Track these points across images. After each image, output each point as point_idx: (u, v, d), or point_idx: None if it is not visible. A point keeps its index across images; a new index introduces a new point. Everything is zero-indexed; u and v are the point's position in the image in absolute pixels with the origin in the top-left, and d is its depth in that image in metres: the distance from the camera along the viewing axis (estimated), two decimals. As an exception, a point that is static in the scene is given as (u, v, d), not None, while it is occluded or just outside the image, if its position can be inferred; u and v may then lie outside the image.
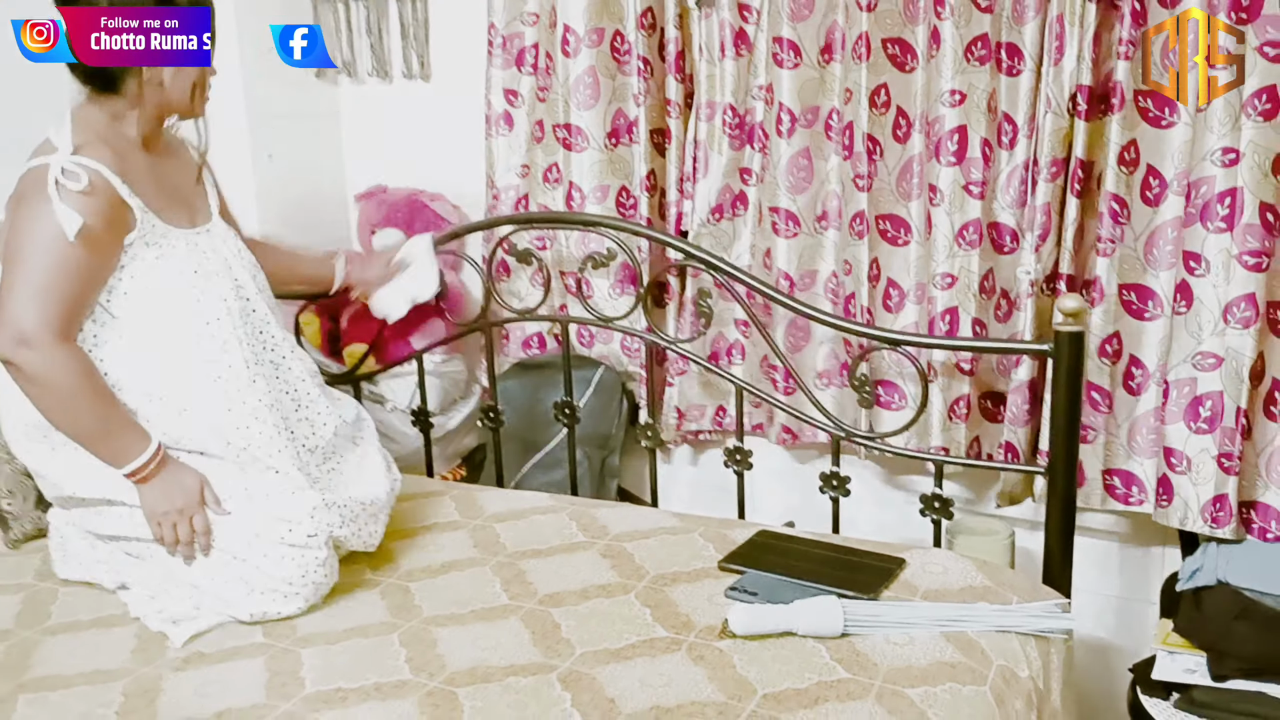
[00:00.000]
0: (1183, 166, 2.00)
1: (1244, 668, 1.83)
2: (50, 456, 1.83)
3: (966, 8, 2.09)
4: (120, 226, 1.77)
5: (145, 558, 1.84)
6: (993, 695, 1.56)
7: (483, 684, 1.58)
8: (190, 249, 1.86)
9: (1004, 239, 2.18)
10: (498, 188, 2.57)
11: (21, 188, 1.75)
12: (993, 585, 1.84)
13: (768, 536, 2.03)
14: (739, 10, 2.29)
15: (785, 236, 2.34)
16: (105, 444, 1.76)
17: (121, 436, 1.76)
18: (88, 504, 1.84)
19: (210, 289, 1.85)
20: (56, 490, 1.87)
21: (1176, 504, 2.06)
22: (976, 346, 2.18)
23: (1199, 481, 2.02)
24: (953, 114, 2.12)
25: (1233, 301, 1.95)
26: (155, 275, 1.81)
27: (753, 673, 1.59)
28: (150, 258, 1.81)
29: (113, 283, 1.79)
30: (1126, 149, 2.02)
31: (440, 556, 2.00)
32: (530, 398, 2.62)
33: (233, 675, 1.65)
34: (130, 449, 1.76)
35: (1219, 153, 1.94)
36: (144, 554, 1.84)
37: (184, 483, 1.79)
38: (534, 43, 2.47)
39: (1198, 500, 2.03)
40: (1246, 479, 2.02)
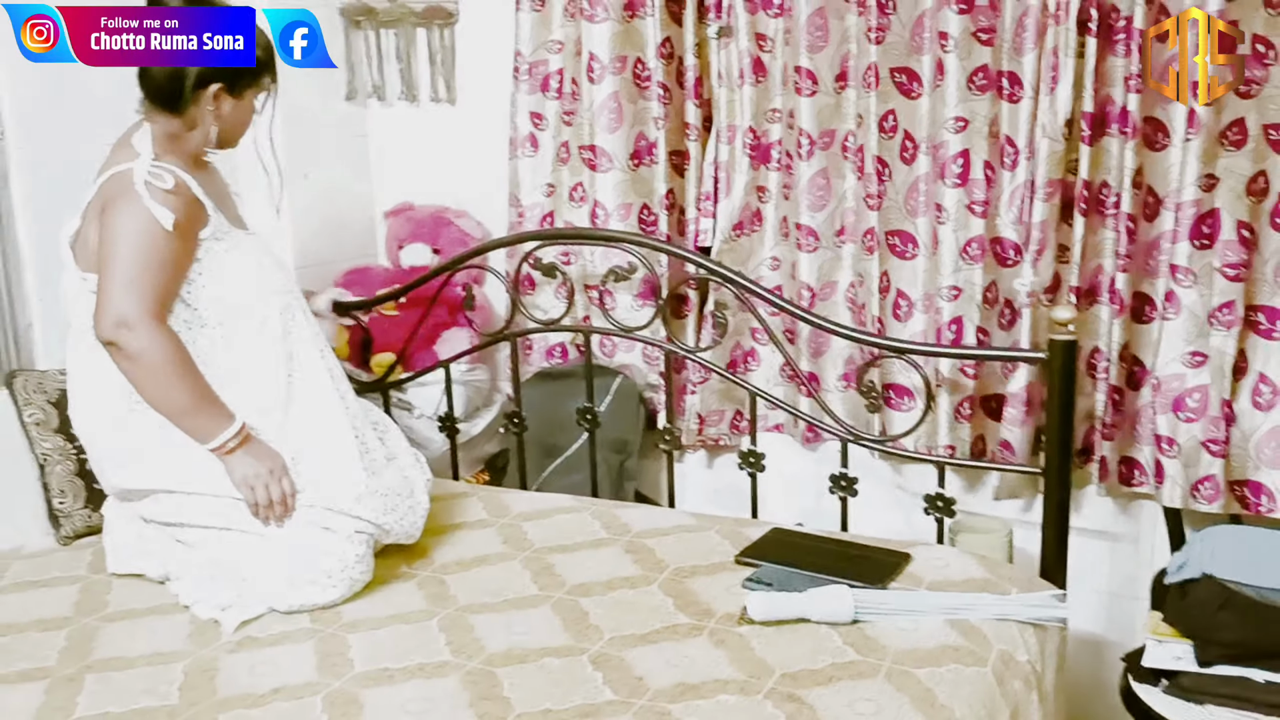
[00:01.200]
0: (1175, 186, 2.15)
1: (1227, 654, 1.94)
2: (118, 445, 1.96)
3: (968, 40, 2.24)
4: (198, 222, 1.94)
5: (195, 545, 1.96)
6: (993, 675, 1.68)
7: (519, 664, 1.70)
8: (252, 244, 2.04)
9: (1007, 253, 2.32)
10: (522, 205, 2.71)
11: (108, 191, 1.91)
12: (993, 578, 1.96)
13: (781, 533, 2.15)
14: (756, 39, 2.44)
15: (807, 251, 2.48)
16: (196, 418, 1.90)
17: (211, 411, 1.91)
18: (147, 493, 1.96)
19: (268, 281, 2.02)
20: (118, 478, 1.99)
21: (1167, 484, 2.22)
22: (977, 355, 2.32)
23: (1188, 464, 2.20)
24: (957, 139, 2.28)
25: (1217, 307, 2.13)
26: (227, 267, 1.98)
27: (770, 655, 1.70)
28: (220, 250, 1.98)
29: (191, 274, 1.95)
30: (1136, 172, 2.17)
31: (471, 551, 2.12)
32: (551, 405, 2.73)
33: (284, 657, 1.75)
34: (219, 423, 1.91)
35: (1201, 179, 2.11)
36: (194, 541, 1.96)
37: (268, 451, 1.93)
38: (559, 69, 2.61)
39: (1186, 480, 2.20)
40: (1237, 461, 2.19)
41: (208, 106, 1.95)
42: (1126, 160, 2.15)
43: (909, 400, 2.44)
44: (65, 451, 2.22)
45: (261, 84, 2.01)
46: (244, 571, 1.91)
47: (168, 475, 1.94)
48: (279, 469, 1.92)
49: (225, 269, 1.98)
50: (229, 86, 1.96)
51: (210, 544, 1.94)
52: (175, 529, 1.97)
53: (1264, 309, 2.15)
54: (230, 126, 2.01)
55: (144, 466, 1.95)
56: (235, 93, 1.97)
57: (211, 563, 1.94)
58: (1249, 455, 2.19)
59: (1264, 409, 2.16)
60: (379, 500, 1.97)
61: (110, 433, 1.96)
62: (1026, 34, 2.18)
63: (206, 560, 1.94)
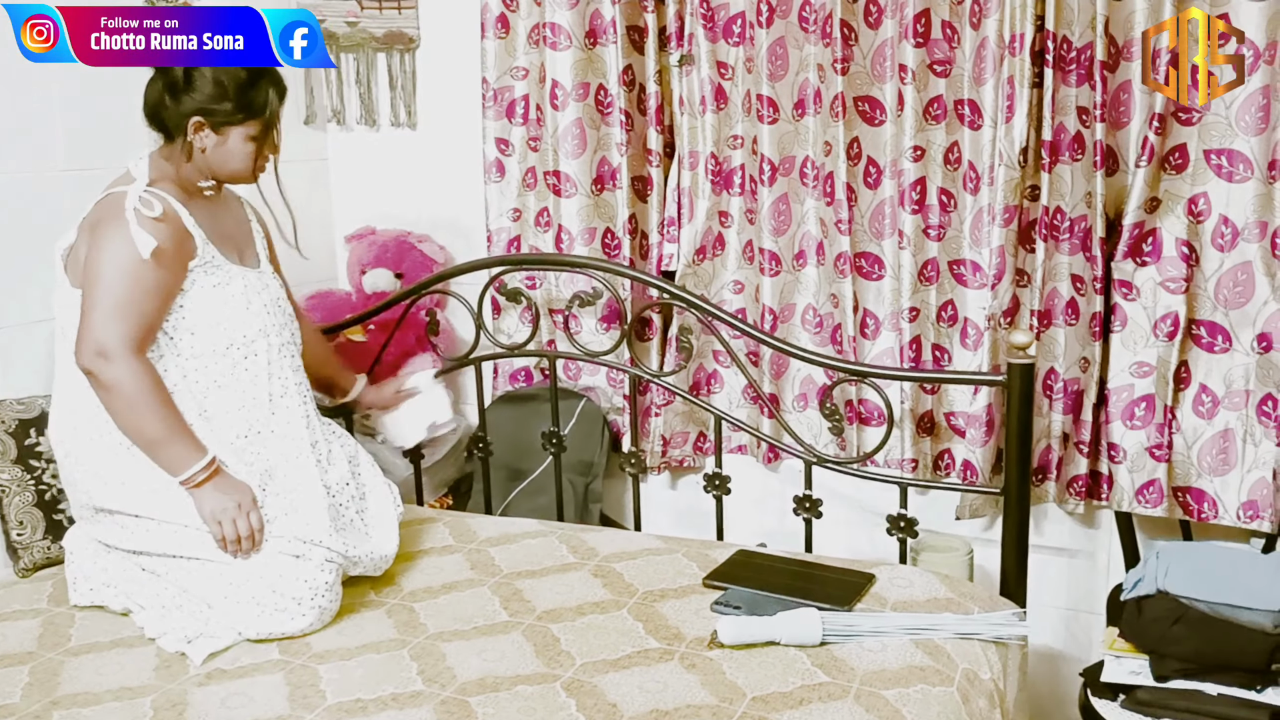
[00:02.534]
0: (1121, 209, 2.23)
1: (1182, 668, 2.00)
2: (92, 466, 1.95)
3: (924, 73, 2.31)
4: (185, 253, 1.95)
5: (161, 574, 1.94)
6: (959, 695, 1.71)
7: (492, 693, 1.70)
8: (244, 283, 2.02)
9: (969, 275, 2.39)
10: (491, 230, 2.72)
11: (100, 212, 1.92)
12: (955, 597, 2.00)
13: (746, 555, 2.18)
14: (718, 67, 2.48)
15: (769, 275, 2.53)
16: (166, 450, 1.90)
17: (181, 444, 1.91)
18: (116, 514, 1.95)
19: (254, 321, 2.01)
20: (89, 498, 1.97)
21: (1116, 490, 2.30)
22: (938, 378, 2.37)
23: (1134, 469, 2.28)
24: (914, 167, 2.35)
25: (1159, 319, 2.22)
26: (211, 302, 1.97)
27: (741, 678, 1.73)
28: (207, 285, 1.97)
29: (174, 305, 1.94)
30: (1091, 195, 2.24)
31: (440, 578, 2.12)
32: (515, 428, 2.74)
33: (255, 689, 1.74)
34: (188, 456, 1.90)
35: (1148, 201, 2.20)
36: (160, 570, 1.94)
37: (237, 485, 1.93)
38: (524, 95, 2.63)
39: (1132, 485, 2.28)
40: (1180, 469, 2.27)
41: (192, 138, 1.96)
42: (1082, 186, 2.22)
43: (878, 415, 2.49)
44: (23, 482, 2.19)
45: (242, 123, 1.97)
46: (212, 600, 1.90)
47: (141, 500, 1.92)
48: (247, 503, 1.92)
49: (207, 304, 1.97)
50: (209, 120, 1.95)
51: (176, 573, 1.93)
52: (140, 557, 1.95)
53: (1204, 323, 2.23)
54: (216, 161, 1.99)
55: (122, 488, 1.93)
56: (215, 128, 1.96)
57: (179, 591, 1.93)
58: (1191, 463, 2.26)
59: (1205, 418, 2.24)
60: (350, 534, 1.98)
61: (90, 449, 1.95)
62: (985, 64, 2.24)
63: (175, 588, 1.93)
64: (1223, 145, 2.15)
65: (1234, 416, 2.21)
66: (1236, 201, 2.16)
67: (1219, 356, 2.23)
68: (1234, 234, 2.17)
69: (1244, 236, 2.16)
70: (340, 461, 2.09)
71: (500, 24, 2.61)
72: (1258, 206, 2.13)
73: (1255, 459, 2.18)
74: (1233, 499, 2.22)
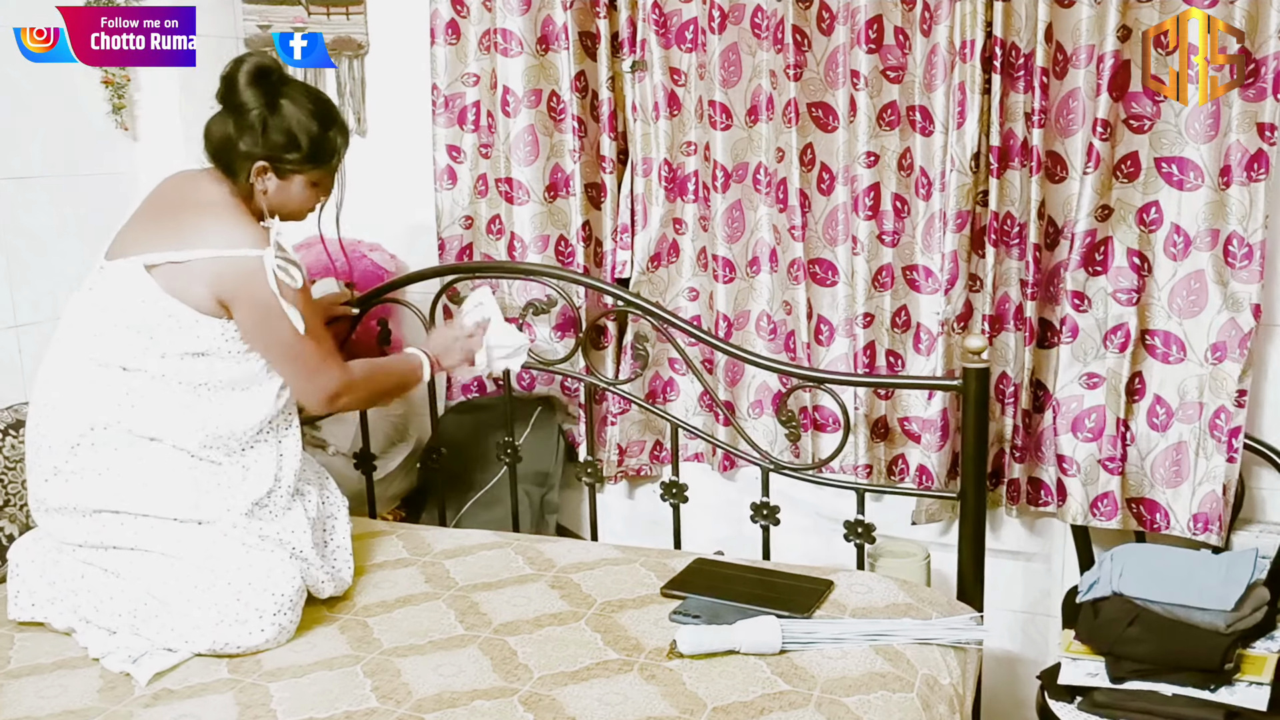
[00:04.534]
0: (1069, 217, 2.24)
1: (1138, 669, 2.01)
2: (84, 459, 1.91)
3: (878, 79, 2.31)
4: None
5: (125, 574, 1.89)
6: (919, 700, 1.71)
7: (449, 708, 1.67)
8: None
9: (922, 281, 2.39)
10: (443, 238, 2.68)
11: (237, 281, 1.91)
12: (914, 602, 2.00)
13: (704, 564, 2.17)
14: (670, 74, 2.47)
15: (723, 281, 2.51)
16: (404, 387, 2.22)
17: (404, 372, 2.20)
18: (96, 512, 1.90)
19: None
20: (65, 494, 1.92)
21: (1069, 503, 2.31)
22: (894, 383, 2.37)
23: (1087, 482, 2.29)
24: (868, 173, 2.35)
25: (1110, 330, 2.23)
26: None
27: (701, 688, 1.71)
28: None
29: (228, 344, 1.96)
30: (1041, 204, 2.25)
31: (394, 592, 2.08)
32: (468, 438, 2.71)
33: (204, 710, 1.70)
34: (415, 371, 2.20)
35: (1099, 209, 2.20)
36: (123, 568, 1.90)
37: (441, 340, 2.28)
38: (475, 102, 2.60)
39: (1086, 498, 2.29)
40: (1134, 480, 2.29)
41: (254, 181, 1.96)
42: (1031, 192, 2.23)
43: (833, 422, 2.49)
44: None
45: (309, 174, 2.01)
46: (171, 600, 1.85)
47: (123, 494, 1.90)
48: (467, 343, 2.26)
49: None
50: (274, 167, 1.96)
51: (139, 568, 1.88)
52: (108, 553, 1.91)
53: (1158, 333, 2.25)
54: (275, 203, 2.00)
55: (102, 481, 1.90)
56: (280, 174, 1.97)
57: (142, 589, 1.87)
58: (1145, 474, 2.28)
59: (1159, 429, 2.26)
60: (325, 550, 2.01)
61: (78, 446, 1.91)
62: (936, 70, 2.25)
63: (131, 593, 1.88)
64: (1173, 153, 2.17)
65: (1187, 429, 2.22)
66: (1188, 210, 2.17)
67: (1173, 367, 2.24)
68: (1186, 242, 2.19)
69: (1196, 245, 2.18)
70: (316, 481, 2.11)
71: (451, 30, 2.58)
72: (1209, 214, 2.15)
73: (1207, 472, 2.20)
74: (1184, 511, 2.23)
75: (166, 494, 1.90)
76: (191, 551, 1.88)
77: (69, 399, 1.93)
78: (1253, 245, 2.11)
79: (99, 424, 1.91)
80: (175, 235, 1.91)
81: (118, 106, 2.60)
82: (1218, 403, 2.18)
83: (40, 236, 2.46)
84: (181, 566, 1.87)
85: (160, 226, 1.94)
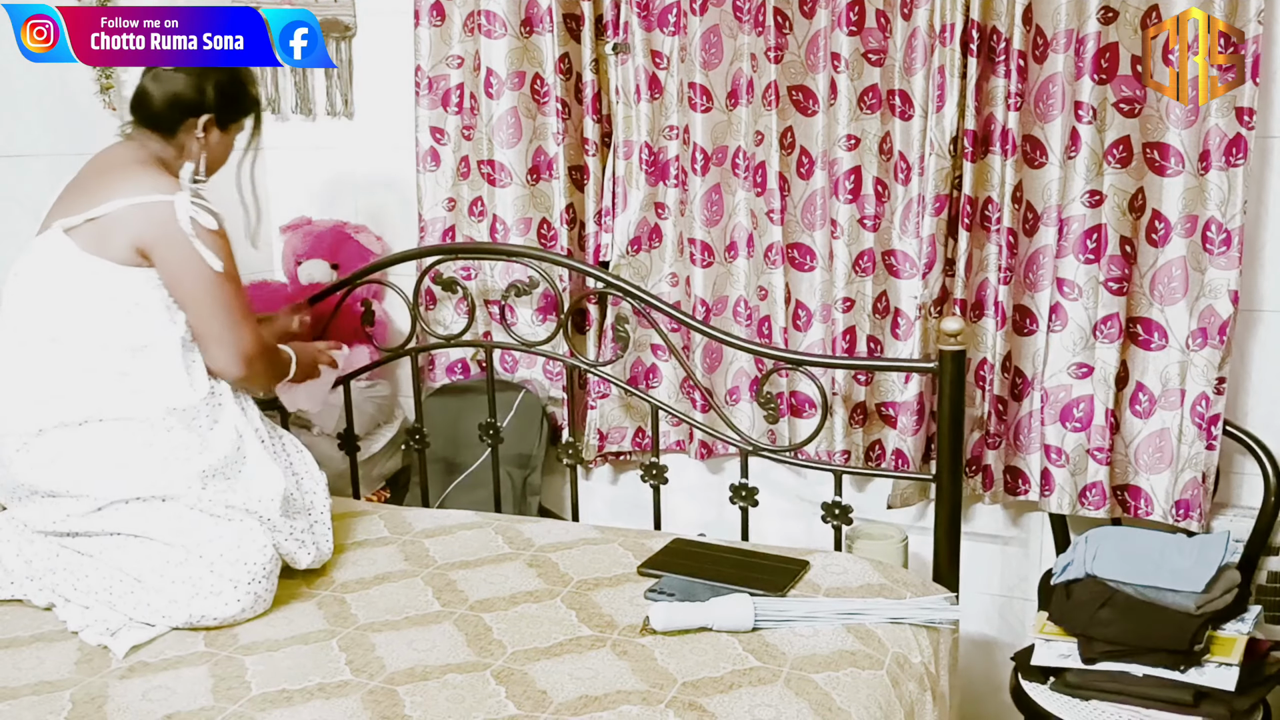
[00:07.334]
0: (1055, 203, 2.24)
1: (1109, 650, 2.02)
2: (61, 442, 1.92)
3: (859, 61, 2.31)
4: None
5: (97, 554, 1.90)
6: (889, 678, 1.72)
7: (421, 682, 1.68)
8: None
9: (901, 265, 2.39)
10: (425, 220, 2.69)
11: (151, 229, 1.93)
12: (888, 583, 2.01)
13: (682, 544, 2.18)
14: (652, 57, 2.47)
15: (701, 266, 2.52)
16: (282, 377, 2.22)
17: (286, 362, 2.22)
18: (64, 496, 1.91)
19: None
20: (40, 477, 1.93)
21: (1057, 492, 2.31)
22: (871, 365, 2.38)
23: (1075, 472, 2.29)
24: (848, 156, 2.34)
25: (1101, 320, 2.23)
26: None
27: (672, 664, 1.72)
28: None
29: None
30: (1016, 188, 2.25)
31: (373, 570, 2.09)
32: (453, 420, 2.72)
33: (178, 682, 1.71)
34: (288, 366, 2.22)
35: (1086, 195, 2.20)
36: (95, 551, 1.91)
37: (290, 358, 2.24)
38: (459, 84, 2.61)
39: (1074, 488, 2.29)
40: (1119, 467, 2.29)
41: (197, 135, 2.00)
42: (1007, 177, 2.24)
43: (810, 407, 2.49)
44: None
45: (244, 123, 2.10)
46: (144, 576, 1.86)
47: (82, 479, 1.90)
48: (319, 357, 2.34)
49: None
50: (218, 119, 2.02)
51: (111, 551, 1.89)
52: (78, 539, 1.91)
53: (1142, 321, 2.25)
54: (212, 159, 2.05)
55: (57, 468, 1.91)
56: (223, 126, 2.04)
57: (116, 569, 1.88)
58: (1129, 461, 2.29)
59: (1142, 416, 2.26)
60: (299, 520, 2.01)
61: (57, 428, 1.92)
62: (916, 54, 2.25)
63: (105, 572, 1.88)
64: (1154, 139, 2.17)
65: (1170, 416, 2.22)
66: (1169, 196, 2.17)
67: (1155, 354, 2.24)
68: (1167, 229, 2.19)
69: (1176, 231, 2.17)
70: (285, 449, 2.12)
71: (435, 11, 2.59)
72: (1188, 200, 2.15)
73: (1188, 458, 2.20)
74: (1165, 496, 2.24)
75: (126, 472, 1.90)
76: (160, 530, 1.89)
77: (16, 385, 1.95)
78: (1231, 231, 2.11)
79: (49, 408, 1.92)
80: (89, 196, 1.95)
81: (105, 87, 2.61)
82: (1198, 389, 2.18)
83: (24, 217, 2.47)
84: (153, 546, 1.88)
85: (75, 194, 1.98)
